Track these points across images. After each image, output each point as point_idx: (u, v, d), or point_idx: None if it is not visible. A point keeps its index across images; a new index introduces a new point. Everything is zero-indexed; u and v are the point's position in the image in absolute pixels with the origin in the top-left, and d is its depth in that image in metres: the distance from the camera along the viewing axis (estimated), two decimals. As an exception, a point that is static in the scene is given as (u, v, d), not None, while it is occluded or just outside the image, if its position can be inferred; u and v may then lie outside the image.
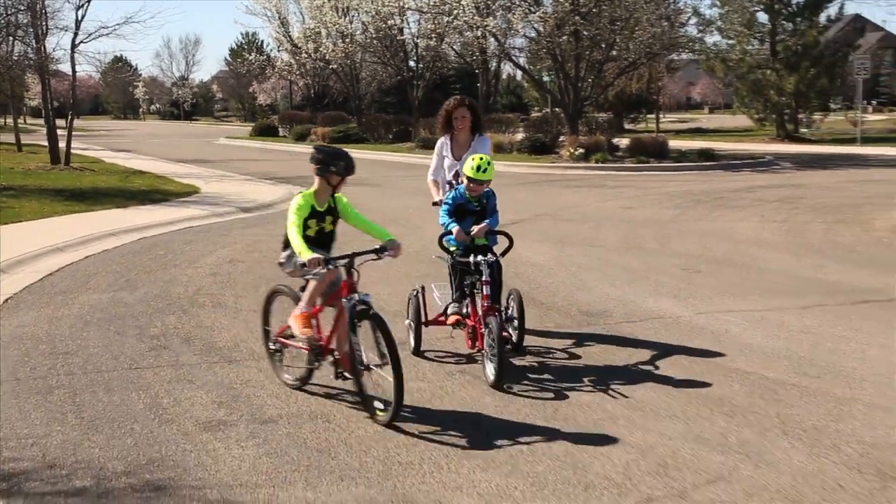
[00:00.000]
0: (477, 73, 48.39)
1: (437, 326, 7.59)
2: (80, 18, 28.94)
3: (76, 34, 28.95)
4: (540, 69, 41.74)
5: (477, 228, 7.27)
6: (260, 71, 68.40)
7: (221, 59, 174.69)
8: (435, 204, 8.00)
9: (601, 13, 31.43)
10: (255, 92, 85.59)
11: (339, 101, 56.86)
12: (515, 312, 7.43)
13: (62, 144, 29.02)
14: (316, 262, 5.98)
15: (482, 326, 6.93)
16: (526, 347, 7.62)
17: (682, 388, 6.70)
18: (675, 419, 6.00)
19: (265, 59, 63.32)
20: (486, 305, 6.96)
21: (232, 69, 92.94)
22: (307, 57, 48.15)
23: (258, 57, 61.00)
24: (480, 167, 7.12)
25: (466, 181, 7.27)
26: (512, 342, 7.35)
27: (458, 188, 7.50)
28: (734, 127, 54.64)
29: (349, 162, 6.44)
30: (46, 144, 30.41)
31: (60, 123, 32.03)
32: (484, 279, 7.02)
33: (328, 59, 45.61)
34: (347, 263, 6.18)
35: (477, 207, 7.40)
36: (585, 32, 31.99)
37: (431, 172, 8.31)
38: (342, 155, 6.47)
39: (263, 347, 7.12)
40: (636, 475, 5.11)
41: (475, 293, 7.21)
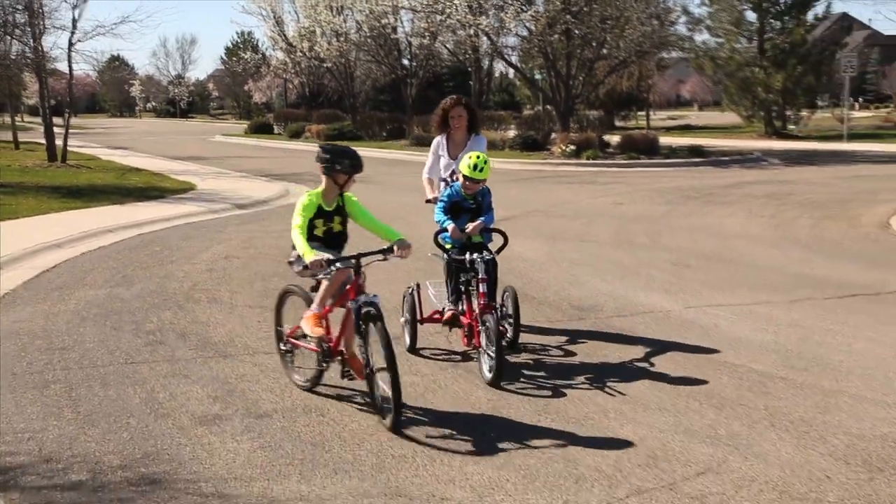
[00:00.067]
0: (470, 71, 48.35)
1: (432, 324, 7.57)
2: (76, 18, 29.10)
3: (73, 33, 28.88)
4: (532, 67, 41.91)
5: (472, 226, 7.26)
6: (255, 69, 68.29)
7: (217, 57, 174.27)
8: (428, 201, 7.98)
9: (592, 12, 31.50)
10: (250, 90, 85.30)
11: (333, 99, 56.77)
12: (510, 310, 7.42)
13: (59, 142, 28.93)
14: (318, 263, 5.85)
15: (479, 324, 6.90)
16: (521, 344, 7.63)
17: (671, 381, 6.76)
18: (665, 412, 6.06)
19: (260, 57, 63.41)
20: (482, 303, 6.91)
21: (228, 68, 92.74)
22: (302, 55, 48.14)
23: (253, 55, 61.07)
24: (477, 166, 7.09)
25: (462, 179, 7.24)
26: (507, 339, 7.34)
27: (453, 185, 7.47)
28: (723, 124, 54.68)
29: (355, 160, 6.28)
30: (44, 142, 30.30)
31: (57, 121, 32.02)
32: (480, 277, 6.99)
33: (323, 57, 45.56)
34: (353, 265, 6.05)
35: (472, 205, 7.38)
36: (576, 31, 32.08)
37: (426, 171, 8.27)
38: (348, 153, 6.31)
39: (276, 348, 7.00)
40: (627, 467, 5.16)
41: (470, 291, 7.18)
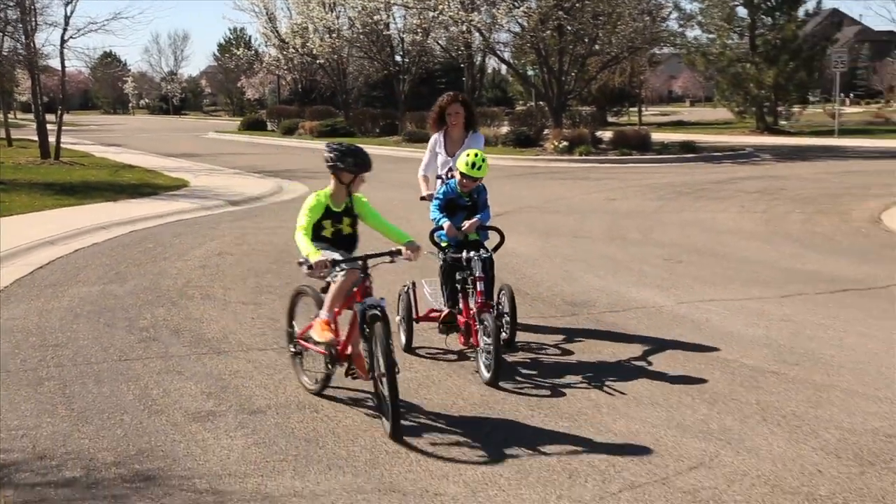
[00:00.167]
0: (462, 67, 48.31)
1: (428, 322, 7.50)
2: (68, 14, 28.86)
3: (65, 30, 28.86)
4: (524, 63, 41.91)
5: (468, 224, 7.19)
6: (248, 66, 68.20)
7: (210, 54, 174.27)
8: (423, 199, 7.93)
9: (584, 8, 31.54)
10: (243, 87, 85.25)
11: (326, 95, 56.69)
12: (507, 308, 7.35)
13: (52, 139, 28.91)
14: (323, 264, 5.70)
15: (476, 323, 6.83)
16: (517, 343, 7.56)
17: (664, 376, 6.78)
18: (657, 407, 6.08)
19: (253, 54, 63.27)
20: (479, 302, 6.83)
21: (220, 64, 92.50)
22: (294, 52, 48.08)
23: (246, 52, 60.88)
24: (475, 164, 7.02)
25: (459, 177, 7.17)
26: (504, 338, 7.26)
27: (448, 183, 7.41)
28: (715, 120, 54.87)
29: (361, 158, 6.10)
30: (36, 139, 30.30)
31: (50, 118, 31.92)
32: (477, 275, 6.91)
33: (315, 54, 45.53)
34: (360, 266, 5.90)
35: (468, 202, 7.32)
36: (569, 27, 32.11)
37: (423, 168, 8.19)
38: (354, 151, 6.13)
39: (287, 349, 6.87)
40: (619, 462, 5.18)
41: (467, 289, 7.11)
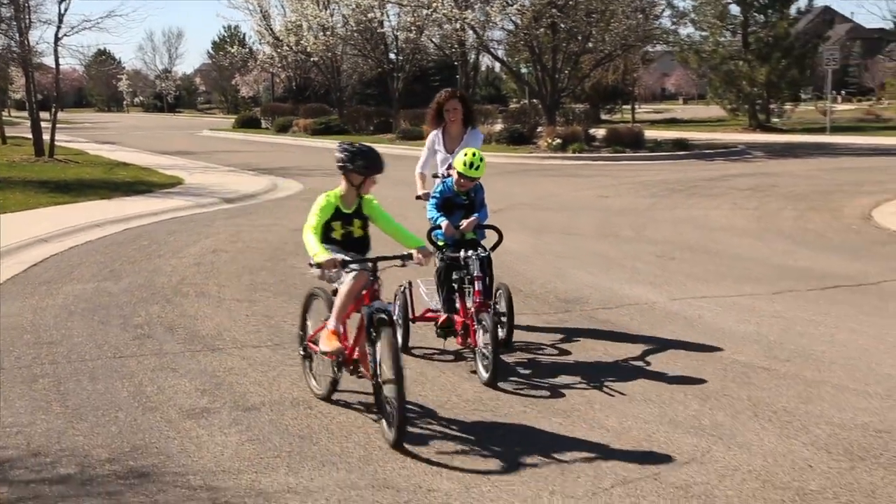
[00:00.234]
0: (456, 65, 48.33)
1: (424, 322, 7.43)
2: (62, 12, 28.90)
3: (59, 27, 28.93)
4: (518, 61, 41.99)
5: (466, 223, 7.11)
6: (242, 64, 68.19)
7: (204, 52, 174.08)
8: (418, 198, 7.85)
9: (577, 6, 31.58)
10: (237, 84, 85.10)
11: (320, 93, 56.72)
12: (504, 308, 7.22)
13: (46, 137, 28.87)
14: (331, 263, 5.54)
15: (474, 322, 6.76)
16: (514, 343, 7.48)
17: (656, 372, 6.81)
18: (650, 403, 6.11)
19: (247, 51, 63.33)
20: (477, 301, 6.77)
21: (214, 62, 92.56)
22: (289, 50, 48.09)
23: (240, 50, 60.98)
24: (473, 164, 6.91)
25: (456, 176, 7.08)
26: (501, 338, 7.13)
27: (445, 181, 7.31)
28: (707, 117, 54.95)
29: (372, 160, 5.89)
30: (31, 137, 30.25)
31: (44, 116, 31.86)
32: (475, 275, 6.84)
33: (309, 51, 45.57)
34: (369, 268, 5.74)
35: (465, 201, 7.23)
36: (562, 25, 32.14)
37: (420, 166, 8.07)
38: (365, 153, 5.92)
39: (298, 352, 6.69)
40: (612, 458, 5.20)
41: (464, 289, 7.04)
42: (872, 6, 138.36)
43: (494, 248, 7.16)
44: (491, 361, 6.48)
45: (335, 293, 5.94)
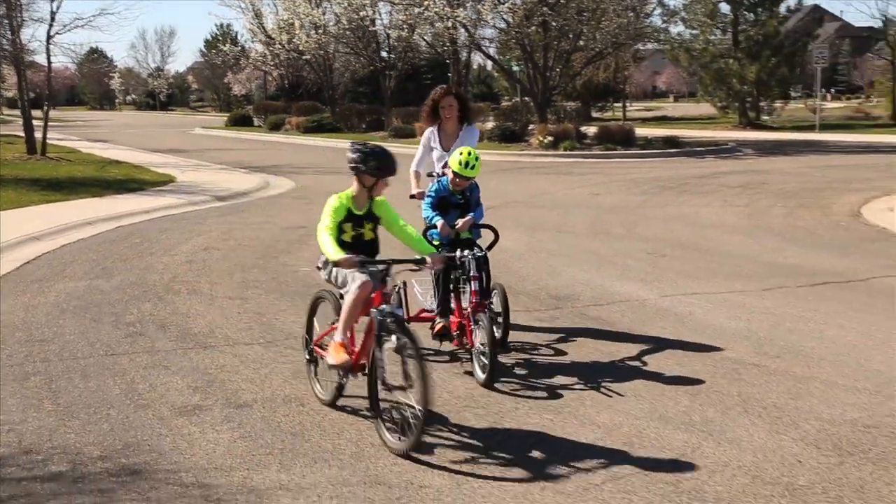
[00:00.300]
0: (448, 63, 48.23)
1: (419, 322, 7.31)
2: (54, 10, 28.75)
3: (51, 26, 28.73)
4: (509, 59, 42.03)
5: (462, 222, 7.03)
6: (234, 62, 67.91)
7: (196, 50, 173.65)
8: (412, 196, 7.77)
9: (568, 4, 31.61)
10: (229, 82, 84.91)
11: (312, 91, 56.54)
12: (499, 308, 7.16)
13: (38, 135, 28.80)
14: (349, 262, 5.42)
15: (470, 323, 6.71)
16: (510, 344, 7.38)
17: (647, 368, 6.84)
18: (640, 399, 6.13)
19: (240, 50, 63.11)
20: (474, 301, 6.70)
21: (207, 60, 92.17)
22: (281, 48, 47.97)
23: (233, 48, 60.78)
24: (469, 163, 6.83)
25: (452, 175, 7.01)
26: (497, 338, 6.98)
27: (440, 180, 7.24)
28: (698, 115, 55.08)
29: (385, 162, 5.75)
30: (23, 135, 30.17)
31: (37, 114, 31.78)
32: (472, 274, 6.78)
33: (302, 49, 45.48)
34: (384, 270, 5.64)
35: (461, 200, 7.16)
36: (553, 23, 32.18)
37: (415, 164, 7.98)
38: (378, 153, 5.78)
39: (303, 355, 6.54)
40: (603, 454, 5.23)
41: (460, 289, 6.99)
42: (861, 4, 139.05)
43: (491, 247, 7.10)
44: (488, 362, 6.42)
45: (342, 297, 5.84)
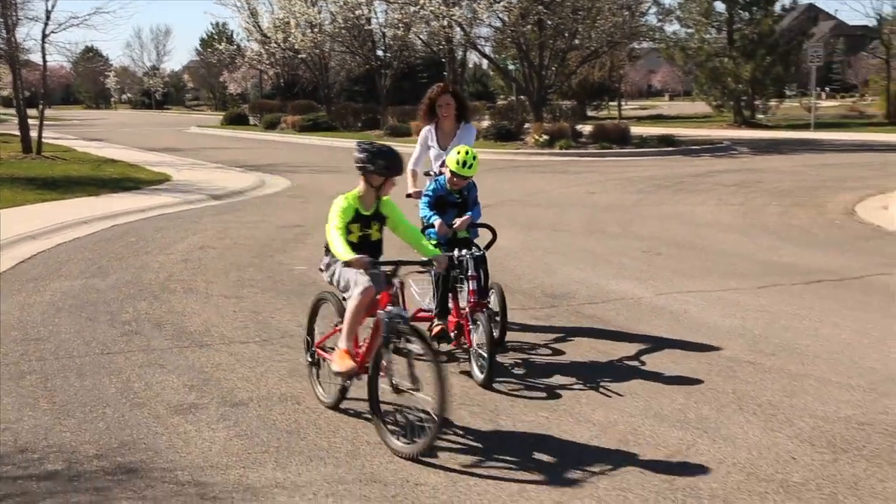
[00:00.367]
0: (443, 61, 48.27)
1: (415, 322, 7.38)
2: (49, 9, 28.70)
3: (46, 24, 28.73)
4: (505, 58, 41.99)
5: (460, 221, 6.98)
6: (230, 61, 67.85)
7: (192, 49, 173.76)
8: (409, 195, 7.70)
9: (564, 3, 31.65)
10: (225, 81, 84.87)
11: (308, 89, 56.55)
12: (497, 307, 7.11)
13: (34, 134, 28.74)
14: (360, 263, 5.37)
15: (468, 322, 6.66)
16: (507, 343, 7.34)
17: (642, 366, 6.86)
18: (635, 397, 6.14)
19: (235, 48, 63.01)
20: (472, 301, 6.65)
21: (202, 59, 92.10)
22: (276, 47, 47.95)
23: (228, 47, 60.65)
24: (466, 163, 6.79)
25: (449, 174, 6.97)
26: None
27: (437, 179, 7.20)
28: (693, 113, 55.15)
29: (392, 161, 5.74)
30: (18, 134, 30.11)
31: (32, 113, 31.71)
32: (470, 274, 6.74)
33: (297, 48, 45.45)
34: (392, 272, 5.58)
35: (458, 199, 7.11)
36: (549, 22, 32.21)
37: (412, 162, 7.90)
38: (385, 152, 5.77)
39: (304, 358, 6.42)
40: (598, 451, 5.24)
41: (457, 288, 6.94)
42: (856, 3, 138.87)
43: (489, 246, 7.05)
44: (486, 361, 6.38)
45: (345, 299, 5.79)
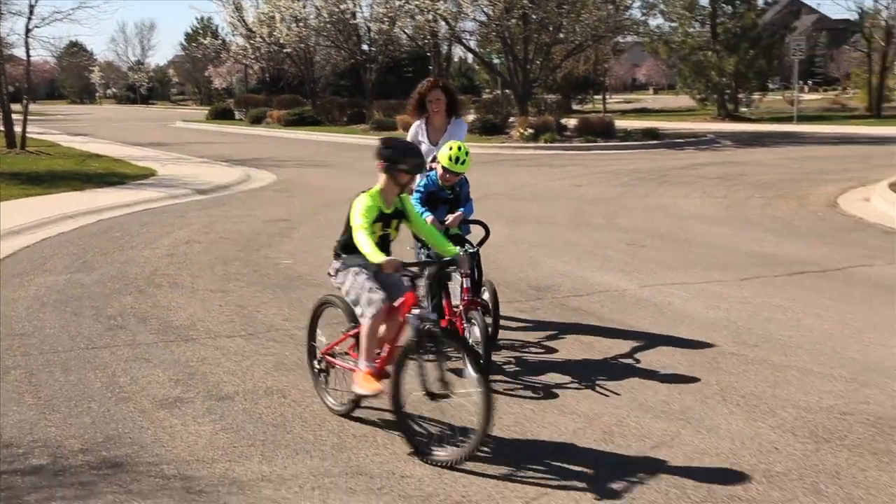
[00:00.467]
0: (429, 56, 48.34)
1: None
2: (33, 3, 28.52)
3: (30, 19, 28.57)
4: (490, 52, 42.04)
5: (452, 218, 6.89)
6: (215, 55, 67.64)
7: (177, 43, 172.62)
8: None
9: (548, -3, 31.69)
10: (210, 76, 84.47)
11: (294, 84, 56.41)
12: (489, 304, 7.02)
13: (18, 129, 28.62)
14: (392, 266, 5.15)
15: (462, 321, 6.55)
16: (499, 341, 7.22)
17: (626, 358, 6.89)
18: (620, 388, 6.16)
19: (220, 43, 62.91)
20: (466, 299, 6.53)
21: (188, 54, 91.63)
22: (262, 41, 47.79)
23: (213, 41, 60.59)
24: (459, 158, 6.65)
25: (441, 170, 6.86)
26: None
27: (429, 175, 7.05)
28: (677, 107, 55.29)
29: (421, 158, 5.70)
30: (2, 129, 29.87)
31: (16, 108, 31.52)
32: (462, 271, 6.56)
33: (282, 43, 45.36)
34: (418, 273, 5.42)
35: (450, 195, 7.02)
36: (533, 16, 32.27)
37: None
38: (412, 149, 5.73)
39: (307, 365, 6.19)
40: (583, 443, 5.26)
41: (449, 286, 6.81)
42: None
43: (482, 243, 6.96)
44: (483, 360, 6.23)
45: (356, 303, 5.58)
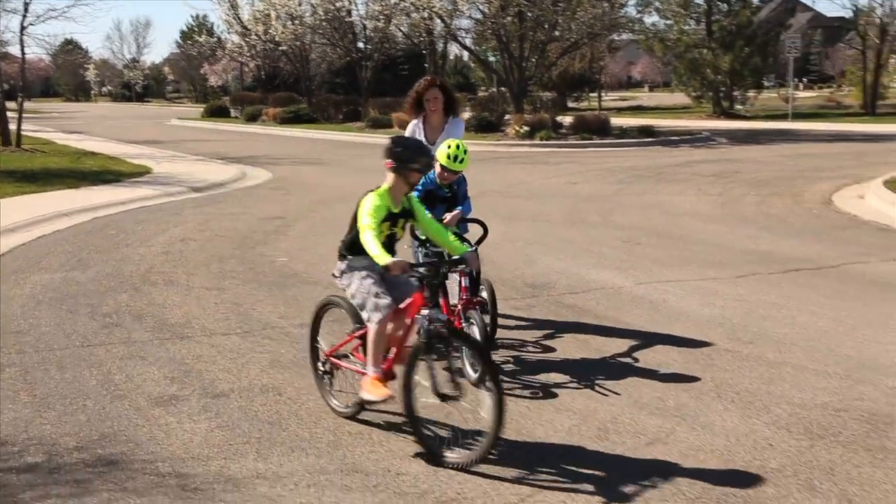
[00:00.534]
0: (424, 53, 48.33)
1: None
2: (28, 1, 28.51)
3: (25, 16, 28.66)
4: (485, 49, 42.08)
5: (450, 216, 6.84)
6: (211, 53, 67.70)
7: (172, 41, 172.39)
8: None
9: (543, -6, 31.70)
10: (206, 74, 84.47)
11: (289, 82, 56.37)
12: (487, 303, 7.01)
13: (13, 126, 28.59)
14: (400, 267, 5.07)
15: (460, 320, 6.53)
16: (497, 341, 7.20)
17: (622, 355, 6.90)
18: (615, 385, 6.17)
19: (216, 41, 62.91)
20: (464, 298, 6.52)
21: (183, 51, 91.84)
22: (257, 39, 47.82)
23: (209, 39, 60.60)
24: (457, 157, 6.65)
25: (439, 168, 6.79)
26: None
27: (427, 173, 6.94)
28: (673, 104, 55.39)
29: (431, 156, 5.70)
30: (-3, 126, 29.98)
31: (11, 106, 31.47)
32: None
33: (278, 40, 45.38)
34: (428, 272, 5.32)
35: (448, 194, 6.99)
36: (529, 13, 32.27)
37: None
38: (423, 148, 5.69)
39: (311, 368, 6.10)
40: (578, 440, 5.27)
41: (445, 285, 6.66)
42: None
43: (480, 242, 6.89)
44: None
45: (362, 307, 5.48)
